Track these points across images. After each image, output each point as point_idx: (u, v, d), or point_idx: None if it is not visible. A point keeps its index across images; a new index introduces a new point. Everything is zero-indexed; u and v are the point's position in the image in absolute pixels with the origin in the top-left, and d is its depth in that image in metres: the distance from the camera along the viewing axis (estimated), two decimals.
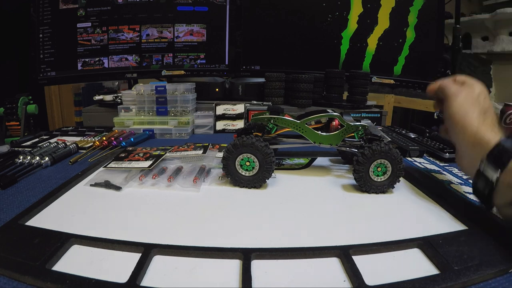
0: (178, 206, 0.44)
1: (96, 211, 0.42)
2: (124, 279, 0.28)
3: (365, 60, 1.13)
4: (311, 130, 0.52)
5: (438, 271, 0.31)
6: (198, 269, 0.31)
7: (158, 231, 0.37)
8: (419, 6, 1.09)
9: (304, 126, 0.52)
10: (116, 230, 0.37)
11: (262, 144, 0.48)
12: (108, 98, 0.99)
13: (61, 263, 0.31)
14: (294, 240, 0.36)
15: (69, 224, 0.38)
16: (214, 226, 0.39)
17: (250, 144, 0.48)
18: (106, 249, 0.33)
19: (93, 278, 0.28)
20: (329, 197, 0.48)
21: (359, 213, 0.43)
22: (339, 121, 0.52)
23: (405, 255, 0.34)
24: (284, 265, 0.32)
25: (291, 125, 0.52)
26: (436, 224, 0.40)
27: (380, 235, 0.37)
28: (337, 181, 0.54)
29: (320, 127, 0.54)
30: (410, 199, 0.47)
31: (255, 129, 0.56)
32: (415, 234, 0.36)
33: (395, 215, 0.43)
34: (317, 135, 0.52)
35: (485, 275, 0.30)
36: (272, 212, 0.43)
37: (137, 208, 0.43)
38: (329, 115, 0.53)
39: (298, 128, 0.52)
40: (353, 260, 0.32)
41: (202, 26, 1.02)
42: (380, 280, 0.29)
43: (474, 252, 0.33)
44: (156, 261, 0.32)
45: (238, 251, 0.33)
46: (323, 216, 0.42)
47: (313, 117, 0.52)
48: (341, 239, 0.36)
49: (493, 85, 1.92)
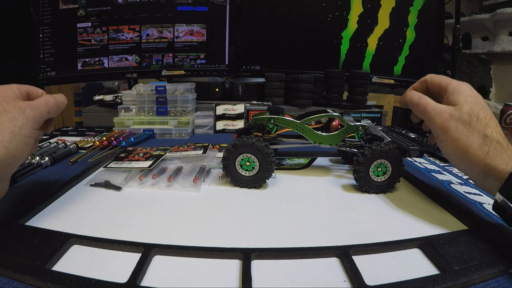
0: (178, 206, 0.44)
1: (96, 211, 0.42)
2: (124, 279, 0.28)
3: (365, 60, 1.13)
4: (311, 130, 0.52)
5: (438, 271, 0.31)
6: (198, 269, 0.31)
7: (158, 231, 0.37)
8: (419, 6, 1.09)
9: (304, 126, 0.52)
10: (116, 230, 0.37)
11: (262, 144, 0.48)
12: (108, 98, 0.99)
13: (61, 263, 0.31)
14: (294, 240, 0.36)
15: (69, 224, 0.38)
16: (214, 226, 0.39)
17: (250, 144, 0.48)
18: (106, 249, 0.33)
19: (93, 278, 0.28)
20: (329, 197, 0.48)
21: (359, 213, 0.43)
22: (339, 121, 0.52)
23: (405, 255, 0.34)
24: (284, 265, 0.32)
25: (291, 125, 0.52)
26: (436, 224, 0.40)
27: (380, 235, 0.37)
28: (337, 181, 0.54)
29: (320, 127, 0.54)
30: (410, 199, 0.47)
31: (255, 129, 0.56)
32: (415, 234, 0.36)
33: (395, 215, 0.43)
34: (317, 135, 0.52)
35: (485, 275, 0.30)
36: (272, 212, 0.43)
37: (137, 208, 0.43)
38: (329, 115, 0.52)
39: (298, 128, 0.52)
40: (353, 260, 0.32)
41: (202, 26, 1.02)
42: (380, 280, 0.29)
43: (474, 252, 0.33)
44: (156, 261, 0.32)
45: (238, 251, 0.33)
46: (323, 216, 0.42)
47: (313, 117, 0.52)
48: (341, 239, 0.36)
49: (493, 85, 1.92)
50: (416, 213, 0.43)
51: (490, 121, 0.38)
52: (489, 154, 0.36)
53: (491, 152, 0.36)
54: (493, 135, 0.37)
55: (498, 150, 0.36)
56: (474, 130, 0.38)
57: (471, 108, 0.39)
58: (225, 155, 0.49)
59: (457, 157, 0.39)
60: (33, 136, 0.37)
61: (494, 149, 0.36)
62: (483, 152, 0.37)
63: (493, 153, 0.36)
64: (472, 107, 0.39)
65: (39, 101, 0.40)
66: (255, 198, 0.47)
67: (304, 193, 0.49)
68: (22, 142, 0.36)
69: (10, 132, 0.35)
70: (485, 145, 0.37)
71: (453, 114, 0.39)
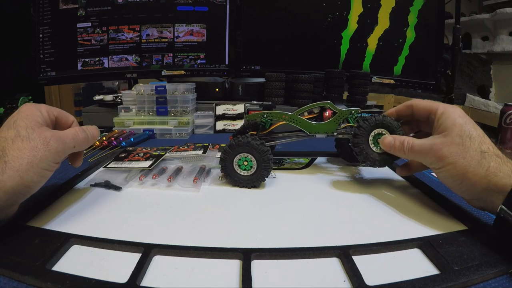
0: (178, 206, 0.44)
1: (96, 211, 0.42)
2: (124, 279, 0.28)
3: (365, 60, 1.13)
4: (304, 121, 0.52)
5: (438, 271, 0.31)
6: (198, 269, 0.31)
7: (158, 231, 0.37)
8: (419, 6, 1.09)
9: (297, 117, 0.52)
10: (116, 230, 0.37)
11: (257, 143, 0.48)
12: (108, 98, 0.99)
13: (61, 263, 0.31)
14: (294, 240, 0.36)
15: (69, 224, 0.38)
16: (214, 226, 0.39)
17: (245, 143, 0.48)
18: (106, 249, 0.33)
19: (93, 278, 0.28)
20: (329, 197, 0.48)
21: (359, 213, 0.43)
22: (331, 109, 0.53)
23: (405, 255, 0.34)
24: (284, 265, 0.32)
25: (284, 118, 0.53)
26: (436, 224, 0.40)
27: (380, 235, 0.37)
28: (337, 181, 0.54)
29: (313, 118, 0.55)
30: (410, 199, 0.47)
31: (250, 128, 0.56)
32: (415, 234, 0.36)
33: (395, 215, 0.43)
34: (311, 125, 0.53)
35: (485, 275, 0.30)
36: (272, 212, 0.43)
37: (137, 208, 0.43)
38: (320, 104, 0.53)
39: (292, 120, 0.53)
40: (353, 260, 0.31)
41: (202, 26, 1.02)
42: (380, 280, 0.29)
43: (474, 252, 0.33)
44: (156, 261, 0.32)
45: (238, 251, 0.33)
46: (323, 216, 0.42)
47: (305, 108, 0.53)
48: (341, 239, 0.36)
49: (493, 85, 1.92)
50: (416, 213, 0.43)
51: (484, 138, 0.37)
52: (489, 169, 0.35)
53: (492, 166, 0.35)
54: (490, 150, 0.36)
55: (499, 164, 0.35)
56: (469, 149, 0.36)
57: (461, 129, 0.38)
58: (222, 157, 0.49)
59: (457, 179, 0.37)
60: (51, 169, 0.36)
61: (495, 162, 0.35)
62: (483, 168, 0.35)
63: (494, 167, 0.35)
64: (462, 128, 0.38)
65: (67, 134, 0.38)
66: (255, 198, 0.47)
67: (304, 193, 0.49)
68: (38, 174, 0.34)
69: (28, 162, 0.33)
70: (484, 161, 0.35)
71: (444, 142, 0.38)
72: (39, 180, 0.35)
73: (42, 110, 0.38)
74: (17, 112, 0.36)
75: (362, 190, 0.50)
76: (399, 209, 0.44)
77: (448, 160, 0.37)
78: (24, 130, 0.34)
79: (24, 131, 0.34)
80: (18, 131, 0.34)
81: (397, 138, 0.44)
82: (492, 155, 0.36)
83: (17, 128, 0.34)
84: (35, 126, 0.35)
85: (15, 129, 0.34)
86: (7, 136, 0.34)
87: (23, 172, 0.33)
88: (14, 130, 0.34)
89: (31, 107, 0.37)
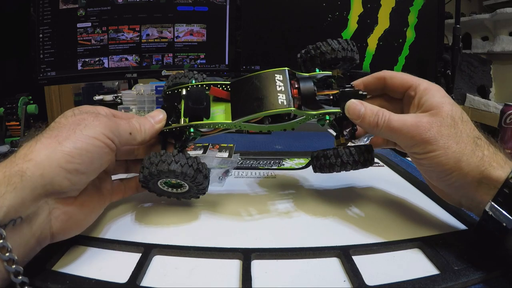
0: (178, 206, 0.44)
1: None
2: (124, 279, 0.28)
3: (365, 60, 1.13)
4: (254, 125, 0.39)
5: (438, 271, 0.31)
6: (198, 269, 0.31)
7: (158, 231, 0.37)
8: (419, 6, 1.09)
9: (242, 124, 0.38)
10: (116, 230, 0.37)
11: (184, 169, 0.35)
12: (108, 98, 0.99)
13: (61, 263, 0.31)
14: (294, 240, 0.36)
15: None
16: (214, 226, 0.39)
17: (166, 171, 0.35)
18: (106, 249, 0.33)
19: (93, 278, 0.28)
20: (329, 197, 0.48)
21: (359, 213, 0.43)
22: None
23: (405, 255, 0.34)
24: (284, 265, 0.32)
25: (224, 127, 0.39)
26: (436, 224, 0.40)
27: (380, 235, 0.37)
28: (337, 181, 0.54)
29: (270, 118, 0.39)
30: (410, 199, 0.47)
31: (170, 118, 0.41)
32: (415, 234, 0.36)
33: (395, 215, 0.43)
34: (263, 126, 0.39)
35: (485, 275, 0.30)
36: (272, 212, 0.43)
37: (137, 208, 0.43)
38: (272, 113, 0.37)
39: (235, 127, 0.39)
40: (353, 260, 0.32)
41: (202, 26, 1.02)
42: (380, 280, 0.29)
43: (474, 252, 0.33)
44: (156, 261, 0.32)
45: (238, 251, 0.33)
46: (323, 216, 0.42)
47: (249, 117, 0.37)
48: (341, 239, 0.36)
49: (493, 85, 1.92)
50: (416, 213, 0.43)
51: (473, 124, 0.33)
52: (483, 159, 0.30)
53: (486, 156, 0.30)
54: (482, 136, 0.32)
55: (492, 153, 0.31)
56: (462, 133, 0.31)
57: (452, 109, 0.32)
58: (142, 179, 0.37)
59: (446, 168, 0.31)
60: (102, 140, 0.30)
61: (488, 151, 0.31)
62: (477, 157, 0.30)
63: (488, 156, 0.30)
64: (453, 108, 0.32)
65: (123, 117, 0.36)
66: (255, 198, 0.47)
67: (304, 193, 0.49)
68: (85, 141, 0.29)
69: (70, 129, 0.29)
70: (478, 148, 0.31)
71: (433, 121, 0.31)
72: (87, 148, 0.29)
73: (104, 108, 0.36)
74: None
75: (362, 190, 0.50)
76: (399, 209, 0.44)
77: (438, 144, 0.31)
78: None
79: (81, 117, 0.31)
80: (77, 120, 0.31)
81: (368, 107, 0.35)
82: (485, 144, 0.31)
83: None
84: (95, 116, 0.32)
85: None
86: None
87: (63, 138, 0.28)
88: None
89: (94, 107, 0.35)
